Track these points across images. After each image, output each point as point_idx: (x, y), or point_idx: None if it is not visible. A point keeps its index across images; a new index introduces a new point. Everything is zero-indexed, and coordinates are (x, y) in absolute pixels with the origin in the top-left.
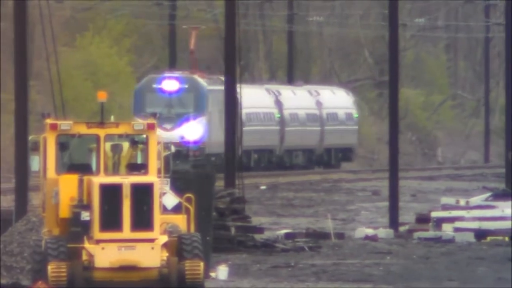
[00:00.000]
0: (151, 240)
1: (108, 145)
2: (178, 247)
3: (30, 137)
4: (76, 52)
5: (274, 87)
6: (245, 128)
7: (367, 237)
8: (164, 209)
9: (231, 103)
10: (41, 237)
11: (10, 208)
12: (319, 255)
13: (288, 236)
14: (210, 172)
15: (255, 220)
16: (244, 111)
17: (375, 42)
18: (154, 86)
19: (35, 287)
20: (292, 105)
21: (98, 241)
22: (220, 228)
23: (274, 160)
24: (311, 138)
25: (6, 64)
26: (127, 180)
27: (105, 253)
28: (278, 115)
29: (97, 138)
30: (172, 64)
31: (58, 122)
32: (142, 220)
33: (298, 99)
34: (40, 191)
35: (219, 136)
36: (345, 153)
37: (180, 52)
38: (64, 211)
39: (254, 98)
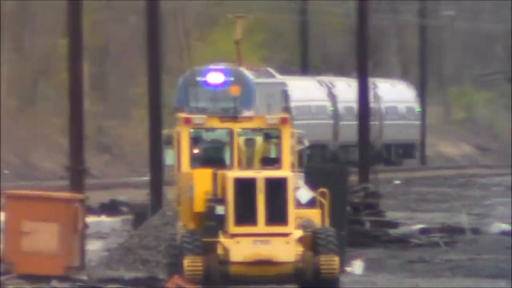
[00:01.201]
0: (286, 235)
1: (241, 139)
2: (312, 241)
3: (163, 131)
4: (208, 47)
5: (327, 79)
6: (296, 122)
7: (502, 233)
8: (298, 204)
9: (364, 97)
10: (177, 231)
11: (145, 202)
12: (454, 250)
13: (423, 231)
14: (344, 166)
15: (390, 215)
16: (293, 104)
17: (507, 35)
18: (198, 79)
19: (171, 281)
20: (347, 98)
21: (233, 235)
22: (355, 222)
23: (328, 156)
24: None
25: (139, 58)
26: (261, 175)
27: (240, 247)
28: (331, 109)
29: (230, 132)
30: (304, 59)
31: (192, 116)
32: (277, 215)
33: (353, 91)
34: (175, 185)
35: None
36: (406, 150)
37: (313, 47)
38: (199, 205)
39: (304, 90)
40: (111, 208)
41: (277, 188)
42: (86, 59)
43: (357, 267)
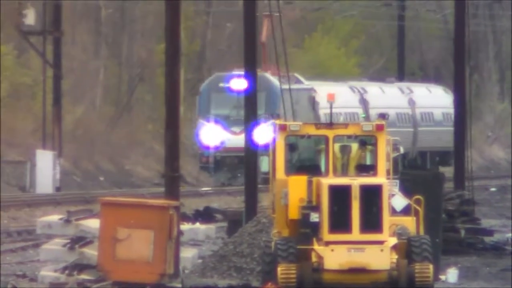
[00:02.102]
0: (381, 242)
1: (337, 146)
2: (407, 249)
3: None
4: (304, 53)
5: (359, 84)
6: None
7: None
8: (393, 211)
9: (461, 103)
10: (271, 238)
11: (240, 209)
12: None
13: None
14: (439, 173)
15: (485, 223)
16: (322, 111)
17: None
18: (221, 85)
19: None
20: (380, 104)
21: (327, 243)
22: (450, 230)
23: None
24: (403, 140)
25: (235, 65)
26: (356, 182)
27: (335, 255)
28: (363, 115)
29: (326, 139)
30: (401, 65)
31: (287, 123)
32: (371, 222)
33: (387, 97)
34: (270, 192)
35: None
36: (442, 157)
37: (409, 53)
38: (293, 212)
39: (335, 97)
40: (205, 215)
41: (372, 195)
42: (183, 65)
43: (451, 275)
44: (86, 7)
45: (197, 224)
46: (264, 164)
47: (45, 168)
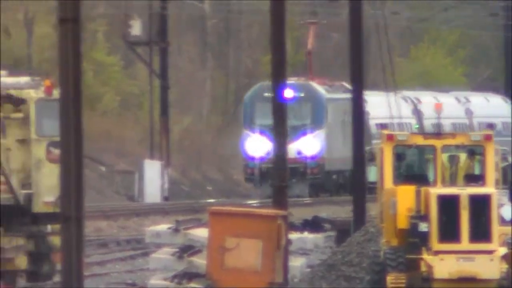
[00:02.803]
0: (490, 252)
1: (445, 156)
2: None
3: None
4: (410, 63)
5: (413, 93)
6: (375, 141)
7: None
8: (502, 221)
9: None
10: (380, 248)
11: (348, 219)
12: None
13: None
14: None
15: None
16: (373, 122)
17: None
18: (266, 94)
19: None
20: (434, 115)
21: (436, 252)
22: None
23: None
24: None
25: (342, 75)
26: (465, 191)
27: (444, 264)
28: (417, 126)
29: (434, 149)
30: (508, 75)
31: (395, 133)
32: (481, 232)
33: (443, 107)
34: (378, 201)
35: (341, 152)
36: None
37: None
38: (402, 222)
39: (387, 107)
40: (314, 225)
41: (481, 205)
42: (288, 75)
43: None
44: (191, 17)
45: (306, 233)
46: (371, 174)
47: (153, 178)
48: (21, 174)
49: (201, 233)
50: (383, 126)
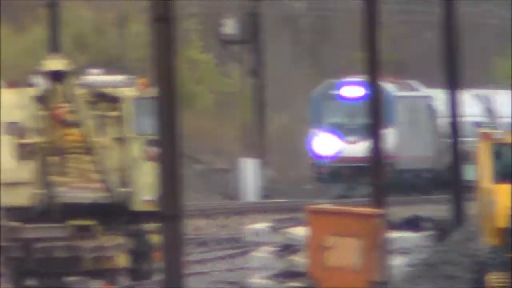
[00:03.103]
0: None
1: None
2: None
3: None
4: (506, 62)
5: (485, 92)
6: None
7: None
8: None
9: None
10: (480, 247)
11: (447, 217)
12: None
13: None
14: None
15: None
16: (442, 120)
17: None
18: (334, 92)
19: None
20: (509, 113)
21: None
22: None
23: None
24: None
25: (436, 73)
26: None
27: None
28: (489, 125)
29: None
30: None
31: (491, 132)
32: None
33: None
34: (476, 200)
35: (410, 150)
36: None
37: None
38: (502, 221)
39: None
40: (413, 224)
41: None
42: (383, 74)
43: None
44: (285, 15)
45: (405, 232)
46: (468, 173)
47: (250, 176)
48: (119, 173)
49: (299, 231)
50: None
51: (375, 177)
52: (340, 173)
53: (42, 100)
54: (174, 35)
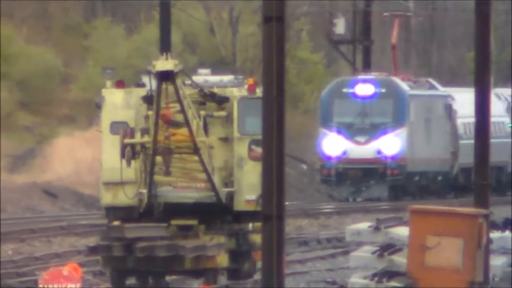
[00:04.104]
0: None
1: None
2: None
3: None
4: None
5: (506, 91)
6: (462, 142)
7: None
8: None
9: None
10: None
11: None
12: None
13: None
14: None
15: None
16: (460, 121)
17: None
18: (345, 90)
19: None
20: None
21: None
22: None
23: (505, 179)
24: None
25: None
26: None
27: None
28: (510, 125)
29: None
30: None
31: None
32: None
33: None
34: None
35: (424, 152)
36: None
37: None
38: None
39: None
40: None
41: None
42: (493, 74)
43: None
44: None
45: (507, 233)
46: None
47: None
48: (223, 172)
49: (402, 231)
50: (468, 125)
51: (479, 177)
52: (346, 175)
53: (150, 100)
54: (285, 34)
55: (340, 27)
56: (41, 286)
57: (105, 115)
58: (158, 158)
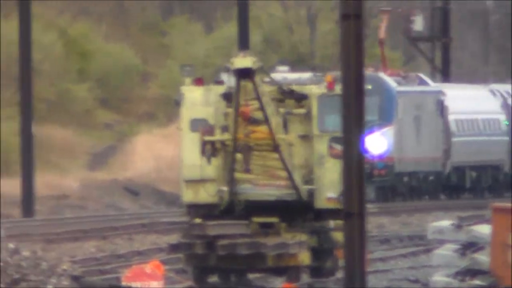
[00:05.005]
0: None
1: None
2: None
3: None
4: None
5: (502, 87)
6: (454, 139)
7: None
8: None
9: None
10: None
11: None
12: None
13: None
14: None
15: None
16: (452, 117)
17: None
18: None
19: None
20: None
21: None
22: None
23: (502, 178)
24: None
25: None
26: None
27: None
28: (506, 122)
29: None
30: None
31: None
32: None
33: None
34: None
35: (414, 150)
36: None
37: None
38: None
39: (470, 101)
40: None
41: None
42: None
43: None
44: (473, 12)
45: None
46: None
47: None
48: (304, 170)
49: (484, 229)
50: (461, 122)
51: None
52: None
53: (229, 97)
54: (363, 32)
55: (419, 24)
56: (124, 283)
57: (185, 113)
58: (238, 156)
